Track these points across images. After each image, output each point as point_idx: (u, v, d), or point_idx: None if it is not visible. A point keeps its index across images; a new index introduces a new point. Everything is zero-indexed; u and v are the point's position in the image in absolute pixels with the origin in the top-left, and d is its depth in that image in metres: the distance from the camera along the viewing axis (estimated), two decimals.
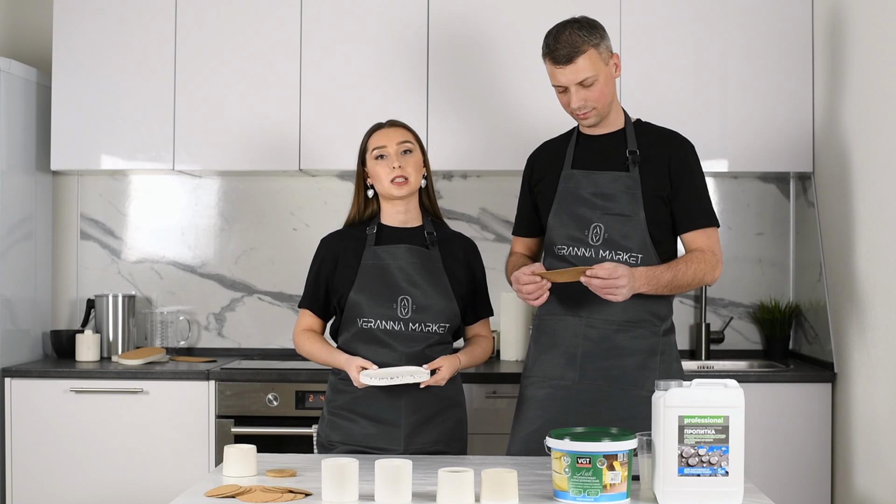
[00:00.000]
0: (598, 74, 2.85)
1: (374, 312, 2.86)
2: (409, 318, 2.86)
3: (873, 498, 3.23)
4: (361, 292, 2.88)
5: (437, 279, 2.90)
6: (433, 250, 2.93)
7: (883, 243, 3.16)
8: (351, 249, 2.94)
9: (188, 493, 2.36)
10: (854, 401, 3.44)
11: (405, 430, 2.87)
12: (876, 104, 3.23)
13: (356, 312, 2.88)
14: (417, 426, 2.88)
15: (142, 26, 4.01)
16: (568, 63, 2.83)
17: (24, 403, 3.77)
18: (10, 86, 3.94)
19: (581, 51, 2.82)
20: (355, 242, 2.95)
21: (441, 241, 2.97)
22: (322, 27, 3.98)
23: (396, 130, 2.96)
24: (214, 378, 3.75)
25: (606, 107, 2.91)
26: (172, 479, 3.71)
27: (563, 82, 2.86)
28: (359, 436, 2.88)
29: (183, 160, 4.01)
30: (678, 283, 2.86)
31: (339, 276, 2.93)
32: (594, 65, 2.84)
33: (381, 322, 2.86)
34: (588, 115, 2.90)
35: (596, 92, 2.86)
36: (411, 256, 2.90)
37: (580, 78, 2.84)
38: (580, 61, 2.82)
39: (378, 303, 2.86)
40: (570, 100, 2.88)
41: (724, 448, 2.23)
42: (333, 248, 2.97)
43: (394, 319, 2.86)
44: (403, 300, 2.86)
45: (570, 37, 2.83)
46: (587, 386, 2.91)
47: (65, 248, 4.37)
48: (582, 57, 2.82)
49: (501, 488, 2.23)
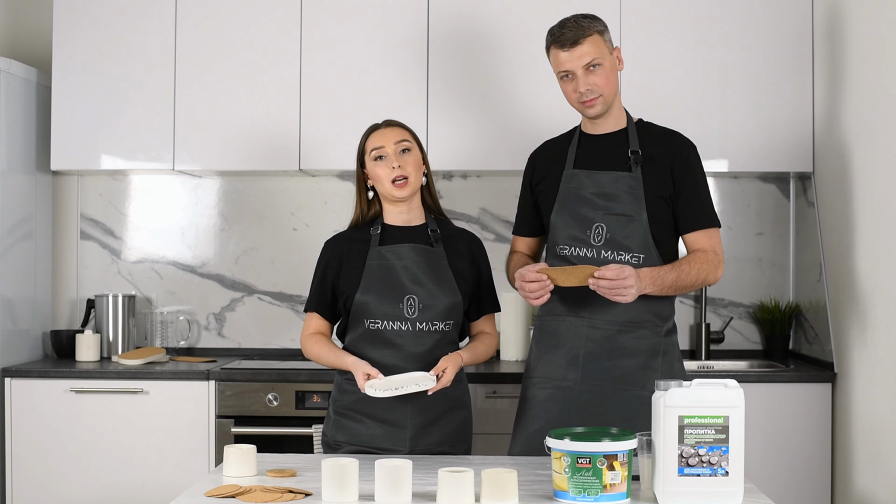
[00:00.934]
0: (604, 60, 2.87)
1: (381, 313, 2.86)
2: (416, 317, 2.85)
3: (873, 498, 3.23)
4: (368, 293, 2.87)
5: (442, 277, 2.89)
6: (437, 248, 2.93)
7: (883, 243, 3.15)
8: (355, 251, 2.93)
9: (188, 493, 2.35)
10: (854, 401, 3.44)
11: (411, 431, 2.87)
12: (876, 104, 3.22)
13: (363, 313, 2.87)
14: (423, 427, 2.87)
15: (142, 26, 4.01)
16: (574, 45, 2.86)
17: (24, 403, 3.77)
18: (11, 86, 3.94)
19: (587, 34, 2.86)
20: (359, 244, 2.94)
21: (445, 239, 2.97)
22: (322, 27, 3.98)
23: (393, 130, 2.94)
24: (214, 378, 3.75)
25: (611, 96, 2.92)
26: (172, 479, 3.71)
27: (570, 67, 2.87)
28: (365, 436, 2.88)
29: (183, 160, 4.01)
30: (682, 284, 2.86)
31: (344, 278, 2.92)
32: (599, 49, 2.87)
33: (389, 322, 2.86)
34: (594, 102, 2.89)
35: (602, 77, 2.87)
36: (416, 255, 2.90)
37: (586, 60, 2.86)
38: (586, 43, 2.85)
39: (385, 303, 2.86)
40: (576, 85, 2.88)
41: (724, 448, 2.22)
42: (338, 249, 2.96)
43: (401, 319, 2.85)
44: (410, 300, 2.86)
45: (575, 23, 2.88)
46: (589, 386, 2.90)
47: (65, 248, 4.37)
48: (588, 40, 2.86)
49: (501, 488, 2.23)
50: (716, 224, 2.94)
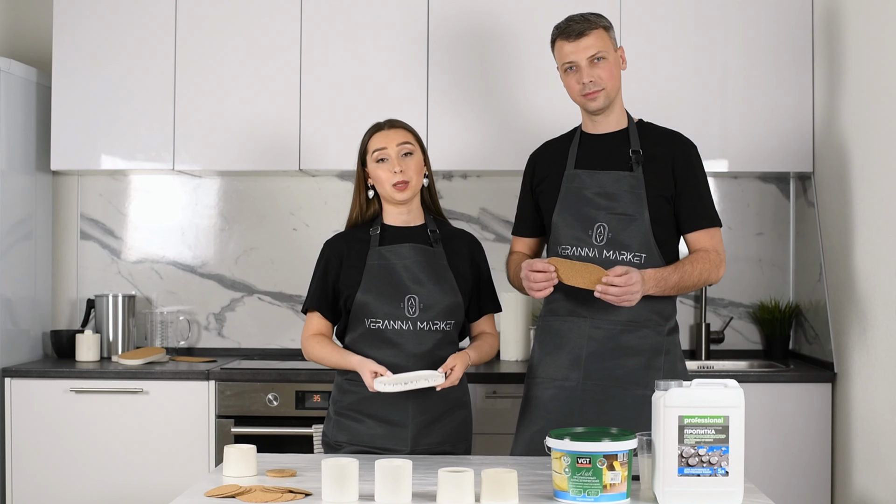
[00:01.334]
0: (608, 54, 2.90)
1: (382, 312, 2.85)
2: (417, 316, 2.85)
3: (873, 498, 3.22)
4: (368, 293, 2.86)
5: (442, 277, 2.89)
6: (437, 248, 2.92)
7: (883, 243, 3.15)
8: (355, 251, 2.92)
9: (188, 493, 2.35)
10: (854, 401, 3.43)
11: (412, 431, 2.86)
12: (875, 104, 3.22)
13: (364, 313, 2.86)
14: (424, 427, 2.87)
15: (142, 27, 4.01)
16: (580, 37, 2.89)
17: (24, 403, 3.77)
18: (11, 86, 3.93)
19: (593, 27, 2.90)
20: (359, 244, 2.93)
21: (444, 239, 2.96)
22: (322, 27, 3.97)
23: (397, 132, 2.93)
24: (214, 378, 3.74)
25: (614, 90, 2.93)
26: (172, 479, 3.71)
27: (574, 58, 2.90)
28: (366, 436, 2.87)
29: (183, 160, 4.00)
30: (685, 284, 2.87)
31: (344, 278, 2.91)
32: (605, 43, 2.91)
33: (390, 322, 2.85)
34: (597, 95, 2.90)
35: (606, 70, 2.89)
36: (416, 255, 2.89)
37: (591, 52, 2.88)
38: (592, 35, 2.90)
39: (385, 303, 2.85)
40: (579, 77, 2.90)
41: (724, 448, 2.22)
42: (338, 249, 2.94)
43: (402, 319, 2.85)
44: (410, 299, 2.85)
45: (582, 17, 2.93)
46: (592, 386, 2.90)
47: (65, 247, 4.36)
48: (594, 32, 2.90)
49: (501, 488, 2.23)
50: (717, 223, 2.94)
